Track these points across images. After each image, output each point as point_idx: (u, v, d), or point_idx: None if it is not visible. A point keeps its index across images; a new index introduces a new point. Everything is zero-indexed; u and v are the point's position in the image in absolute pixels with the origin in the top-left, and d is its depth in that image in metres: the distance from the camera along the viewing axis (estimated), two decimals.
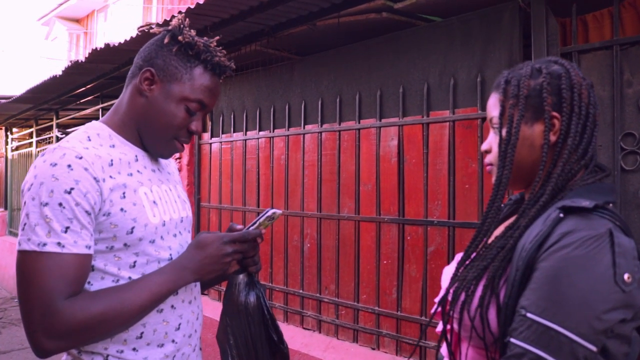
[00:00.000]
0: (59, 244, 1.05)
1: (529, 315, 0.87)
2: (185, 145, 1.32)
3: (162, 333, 1.21)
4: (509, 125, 1.05)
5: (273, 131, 3.66)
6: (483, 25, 2.54)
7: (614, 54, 2.13)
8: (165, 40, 1.24)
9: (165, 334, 1.22)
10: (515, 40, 2.42)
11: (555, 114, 1.03)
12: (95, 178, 1.10)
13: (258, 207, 3.75)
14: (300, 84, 3.51)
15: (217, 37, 1.37)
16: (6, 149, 9.18)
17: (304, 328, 3.38)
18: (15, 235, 8.38)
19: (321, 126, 3.31)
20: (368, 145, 3.03)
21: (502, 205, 1.15)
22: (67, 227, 1.06)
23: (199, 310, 1.36)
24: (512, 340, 0.88)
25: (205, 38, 1.28)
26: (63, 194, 1.06)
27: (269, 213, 1.29)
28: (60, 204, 1.05)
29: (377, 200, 2.96)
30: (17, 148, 8.83)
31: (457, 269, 1.10)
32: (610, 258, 0.87)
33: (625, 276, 0.87)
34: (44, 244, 1.04)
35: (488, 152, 1.13)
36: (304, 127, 3.43)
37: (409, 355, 2.77)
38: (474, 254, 1.09)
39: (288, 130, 3.54)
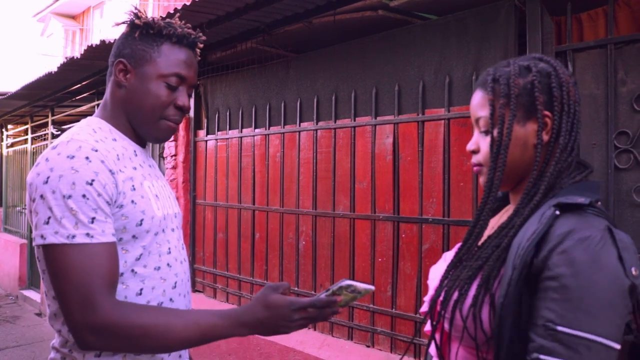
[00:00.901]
0: (87, 234, 1.05)
1: (559, 328, 0.85)
2: (177, 124, 1.32)
3: None
4: (500, 126, 1.04)
5: (269, 129, 3.66)
6: (478, 24, 2.54)
7: (608, 53, 2.14)
8: (126, 30, 1.27)
9: None
10: (510, 38, 2.42)
11: (547, 112, 1.03)
12: (110, 170, 1.12)
13: (253, 204, 3.75)
14: (296, 82, 3.51)
15: (178, 14, 1.38)
16: (1, 145, 9.14)
17: None
18: (11, 232, 8.35)
19: (317, 124, 3.31)
20: (363, 143, 3.03)
21: None
22: (94, 218, 1.07)
23: (189, 306, 1.37)
24: (545, 357, 0.85)
25: (167, 19, 1.30)
26: (85, 186, 1.07)
27: (344, 284, 1.16)
28: (84, 196, 1.06)
29: (372, 198, 2.97)
30: (12, 145, 8.79)
31: (448, 269, 1.09)
32: (616, 254, 0.88)
33: (633, 270, 0.88)
34: (73, 236, 1.04)
35: (475, 152, 1.12)
36: (299, 125, 3.43)
37: (403, 352, 2.77)
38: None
39: (284, 127, 3.54)
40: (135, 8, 1.28)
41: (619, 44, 2.13)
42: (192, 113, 4.33)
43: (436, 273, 1.20)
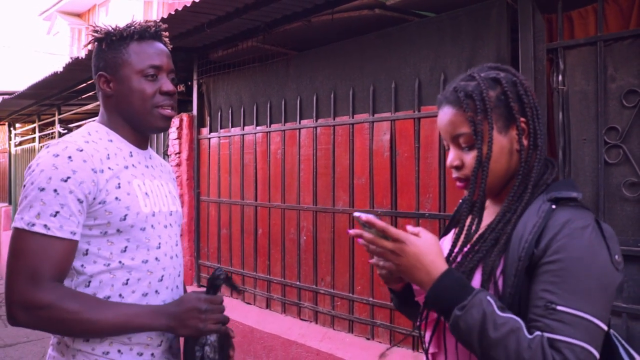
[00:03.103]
0: (45, 226, 1.16)
1: (559, 308, 0.93)
2: (171, 110, 1.40)
3: None
4: (489, 139, 1.08)
5: (270, 126, 3.72)
6: (472, 22, 2.58)
7: (598, 50, 2.18)
8: (94, 47, 1.38)
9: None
10: (503, 36, 2.46)
11: (522, 119, 1.09)
12: (93, 169, 1.22)
13: (256, 201, 3.81)
14: (295, 80, 3.56)
15: (133, 15, 1.49)
16: (10, 144, 9.27)
17: (301, 319, 3.45)
18: None
19: (316, 121, 3.37)
20: (361, 139, 3.08)
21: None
22: (57, 212, 1.17)
23: None
24: (550, 335, 0.92)
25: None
26: (59, 182, 1.18)
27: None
28: (55, 190, 1.17)
29: (370, 194, 3.02)
30: (20, 143, 8.91)
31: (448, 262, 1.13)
32: (604, 243, 0.97)
33: (616, 257, 0.97)
34: (33, 224, 1.16)
35: (459, 167, 1.13)
36: (299, 122, 3.49)
37: (399, 341, 2.83)
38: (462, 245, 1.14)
39: (284, 125, 3.60)
40: (94, 25, 1.39)
41: (609, 41, 2.17)
42: (195, 111, 4.40)
43: None
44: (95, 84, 1.39)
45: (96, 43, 1.37)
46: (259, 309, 3.76)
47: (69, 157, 1.20)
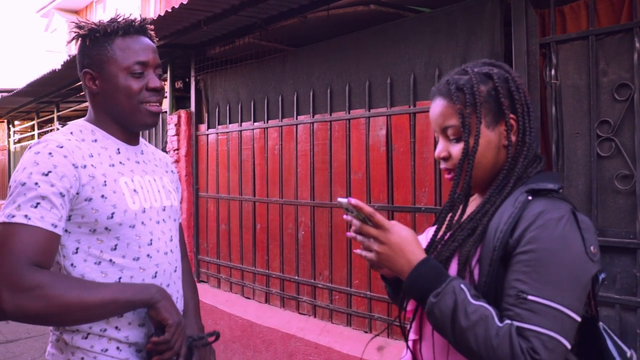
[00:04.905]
0: (25, 216, 1.16)
1: (530, 297, 0.95)
2: (159, 105, 1.39)
3: (143, 312, 1.30)
4: (476, 133, 1.09)
5: (267, 122, 3.74)
6: (466, 17, 2.60)
7: (590, 44, 2.20)
8: (78, 44, 1.37)
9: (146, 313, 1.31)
10: (496, 31, 2.48)
11: (512, 115, 1.11)
12: (74, 165, 1.23)
13: (254, 196, 3.84)
14: (292, 76, 3.58)
15: (116, 9, 1.50)
16: (9, 141, 9.29)
17: (300, 313, 3.49)
18: None
19: (313, 117, 3.39)
20: (358, 135, 3.11)
21: None
22: (38, 204, 1.17)
23: (178, 295, 1.44)
24: (519, 324, 0.94)
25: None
26: (40, 176, 1.19)
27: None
28: (36, 184, 1.18)
29: (367, 188, 3.05)
30: (19, 140, 8.93)
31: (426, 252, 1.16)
32: (579, 234, 0.98)
33: (592, 248, 0.99)
34: (13, 216, 1.16)
35: (446, 159, 1.15)
36: (296, 118, 3.51)
37: (380, 332, 2.87)
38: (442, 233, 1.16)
39: (281, 121, 3.62)
40: (77, 20, 1.38)
41: (600, 35, 2.19)
42: (192, 108, 4.43)
43: None
44: (81, 81, 1.38)
45: (80, 39, 1.36)
46: (258, 304, 3.79)
47: (50, 154, 1.21)
